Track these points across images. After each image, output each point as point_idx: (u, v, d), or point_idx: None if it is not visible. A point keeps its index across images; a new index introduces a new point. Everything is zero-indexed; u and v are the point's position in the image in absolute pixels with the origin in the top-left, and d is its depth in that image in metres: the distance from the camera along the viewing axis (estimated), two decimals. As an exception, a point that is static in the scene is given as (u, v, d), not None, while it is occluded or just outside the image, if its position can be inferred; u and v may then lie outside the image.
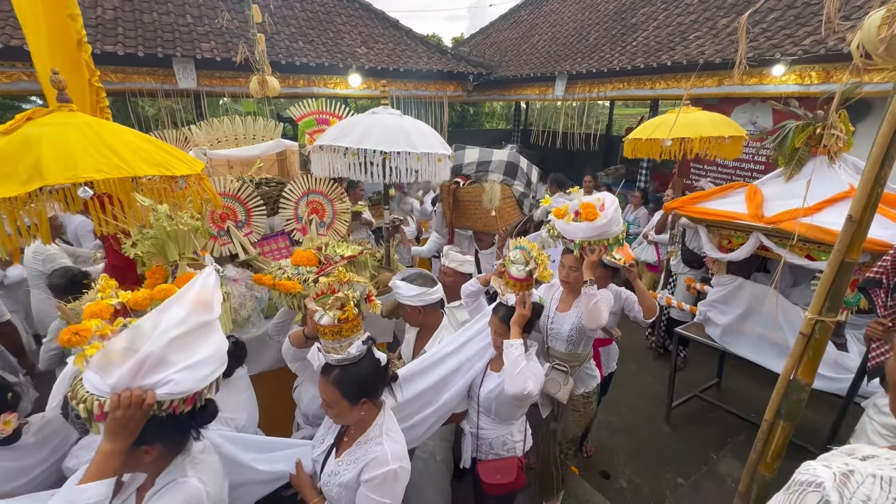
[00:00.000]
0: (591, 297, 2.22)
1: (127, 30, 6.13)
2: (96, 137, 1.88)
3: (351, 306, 1.50)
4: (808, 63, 4.64)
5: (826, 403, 3.05)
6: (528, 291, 2.03)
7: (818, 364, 1.77)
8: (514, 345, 1.91)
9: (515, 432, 2.13)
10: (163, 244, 1.59)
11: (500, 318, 2.02)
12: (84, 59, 2.85)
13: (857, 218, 1.50)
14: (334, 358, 1.47)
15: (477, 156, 3.49)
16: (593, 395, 2.62)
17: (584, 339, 2.45)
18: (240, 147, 3.43)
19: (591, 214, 2.24)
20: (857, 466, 0.73)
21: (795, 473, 0.79)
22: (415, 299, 2.18)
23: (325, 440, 1.63)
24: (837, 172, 2.64)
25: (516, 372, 1.85)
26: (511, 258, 2.06)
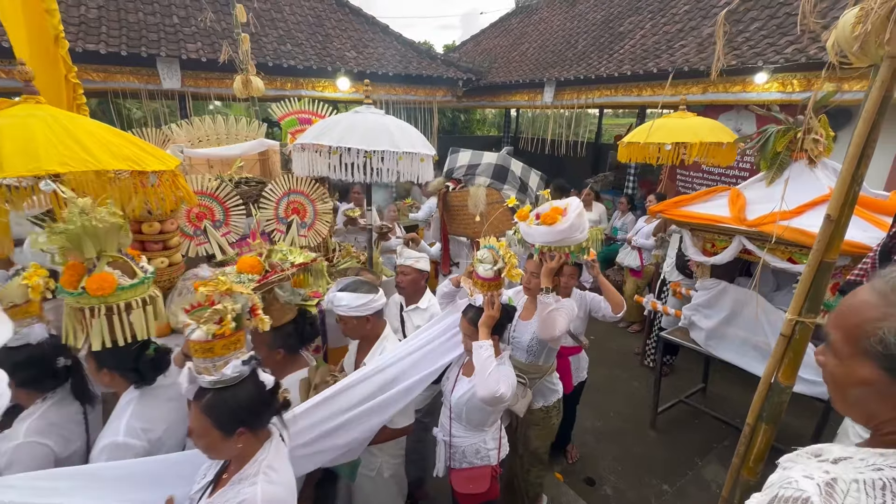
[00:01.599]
0: (546, 305, 2.10)
1: (111, 29, 6.03)
2: (62, 130, 1.82)
3: (228, 321, 1.33)
4: (790, 71, 4.72)
5: (809, 408, 3.05)
6: (497, 292, 1.96)
7: (799, 366, 1.75)
8: (484, 346, 1.84)
9: (489, 440, 2.04)
10: (78, 239, 1.49)
11: (469, 320, 1.94)
12: (61, 55, 2.79)
13: (834, 217, 1.50)
14: (206, 380, 1.28)
15: (468, 158, 3.40)
16: (553, 410, 2.49)
17: (545, 350, 2.34)
18: (221, 147, 3.37)
19: (550, 219, 2.13)
20: (838, 473, 0.70)
21: (777, 487, 0.75)
22: (361, 309, 2.03)
23: (207, 475, 1.42)
24: (818, 176, 2.65)
25: (487, 373, 1.78)
26: (479, 257, 2.00)
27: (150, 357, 1.65)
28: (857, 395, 0.76)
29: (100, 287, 1.50)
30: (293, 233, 2.94)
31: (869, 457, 0.71)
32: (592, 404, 3.94)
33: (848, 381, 0.77)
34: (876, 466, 0.69)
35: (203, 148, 3.32)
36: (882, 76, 1.30)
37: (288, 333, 1.97)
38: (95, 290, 1.50)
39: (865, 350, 0.72)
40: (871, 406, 0.75)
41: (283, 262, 2.04)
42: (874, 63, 1.33)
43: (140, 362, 1.63)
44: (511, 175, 3.34)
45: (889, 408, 0.72)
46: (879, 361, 0.70)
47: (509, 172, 3.35)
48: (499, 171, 3.32)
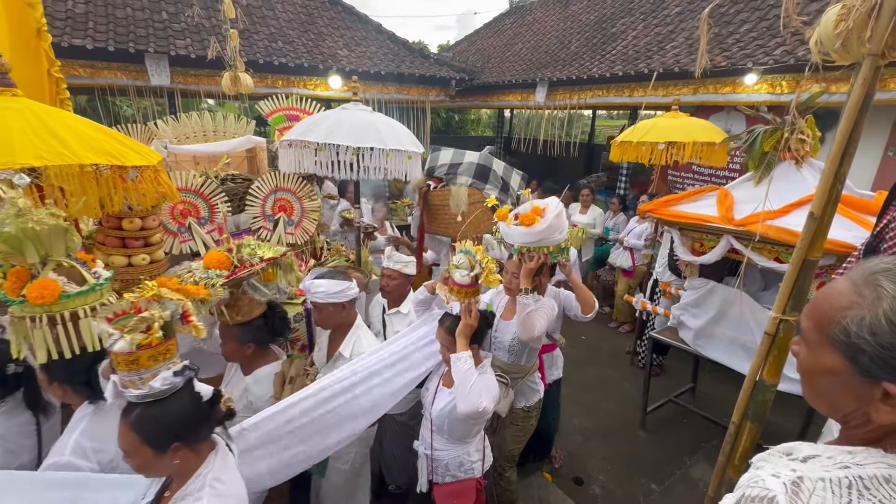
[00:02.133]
0: (525, 306, 2.09)
1: (98, 24, 5.95)
2: (39, 123, 1.78)
3: (156, 329, 1.23)
4: (779, 73, 4.75)
5: (795, 407, 3.06)
6: (475, 299, 1.91)
7: (783, 364, 1.75)
8: (462, 358, 1.77)
9: (473, 451, 1.98)
10: (18, 243, 1.41)
11: (446, 330, 1.88)
12: (43, 49, 2.73)
13: (818, 214, 1.50)
14: (133, 394, 1.18)
15: (450, 157, 3.35)
16: (534, 410, 2.47)
17: (526, 349, 2.32)
18: (208, 143, 3.33)
19: (528, 219, 2.11)
20: (805, 471, 0.70)
21: (745, 487, 0.75)
22: (339, 296, 2.04)
23: (147, 495, 1.31)
24: (804, 176, 2.67)
25: (468, 388, 1.71)
26: (455, 263, 1.94)
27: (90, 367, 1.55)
28: (823, 385, 0.75)
29: (40, 295, 1.39)
30: (280, 230, 2.91)
31: (837, 455, 0.71)
32: (582, 404, 3.94)
33: (814, 369, 0.76)
34: (843, 465, 0.68)
35: (189, 145, 3.28)
36: (864, 74, 1.30)
37: (258, 328, 1.96)
38: (35, 298, 1.39)
39: (831, 338, 0.71)
40: (835, 397, 0.74)
41: (252, 256, 2.00)
42: (856, 61, 1.33)
43: (92, 376, 1.53)
44: (493, 175, 3.27)
45: (851, 399, 0.71)
46: (842, 350, 0.69)
47: (491, 172, 3.28)
48: (480, 170, 3.25)
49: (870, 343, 0.66)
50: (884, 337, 0.64)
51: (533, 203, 2.19)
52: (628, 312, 5.31)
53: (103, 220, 2.20)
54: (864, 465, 0.67)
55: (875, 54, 1.25)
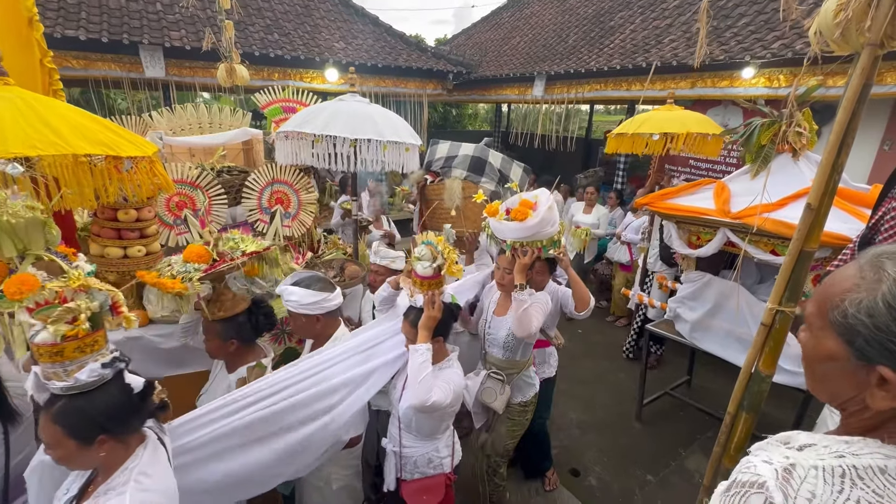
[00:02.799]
0: (521, 303, 2.06)
1: (91, 14, 5.88)
2: (32, 113, 1.76)
3: (82, 320, 1.18)
4: (777, 66, 4.75)
5: (789, 398, 3.09)
6: (438, 291, 1.86)
7: (779, 354, 1.76)
8: (419, 350, 1.75)
9: (441, 447, 1.95)
10: None
11: (411, 323, 1.84)
12: (35, 39, 2.70)
13: (815, 206, 1.50)
14: (56, 386, 1.13)
15: (447, 150, 3.25)
16: (531, 405, 2.45)
17: (521, 345, 2.30)
18: (203, 135, 3.30)
19: (520, 214, 2.05)
20: (798, 459, 0.69)
21: (735, 472, 0.75)
22: (313, 307, 1.93)
23: (70, 489, 1.26)
24: (801, 169, 2.67)
25: (418, 380, 1.69)
26: (416, 254, 1.88)
27: None
28: (823, 371, 0.75)
29: (18, 290, 1.36)
30: (277, 223, 2.90)
31: (833, 444, 0.70)
32: (578, 397, 3.96)
33: (815, 353, 0.75)
34: (838, 454, 0.68)
35: (185, 136, 3.25)
36: (863, 63, 1.30)
37: (241, 324, 1.92)
38: (13, 293, 1.36)
39: (831, 321, 0.70)
40: (834, 383, 0.73)
41: (234, 250, 1.96)
42: (855, 51, 1.33)
43: None
44: (489, 167, 3.14)
45: (849, 385, 0.70)
46: (841, 333, 0.69)
47: (487, 164, 3.14)
48: (476, 163, 3.11)
49: (866, 325, 0.65)
50: (880, 319, 0.64)
51: (521, 196, 2.14)
52: (625, 307, 5.33)
53: (98, 212, 2.18)
54: (860, 455, 0.66)
55: (874, 44, 1.25)
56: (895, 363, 0.64)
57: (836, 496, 0.64)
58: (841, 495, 0.64)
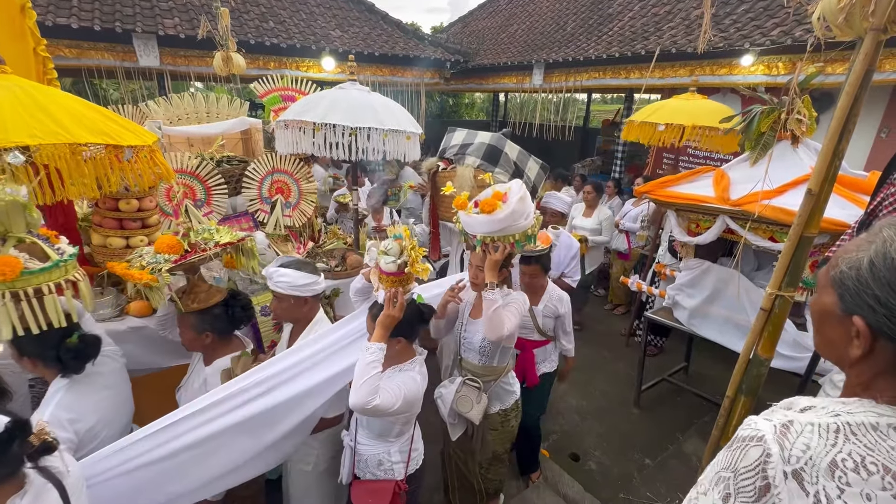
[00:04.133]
0: (491, 303, 1.91)
1: (83, 2, 5.77)
2: (31, 102, 1.74)
3: None
4: (776, 54, 4.74)
5: (786, 383, 3.14)
6: (402, 289, 1.73)
7: (777, 339, 1.79)
8: (370, 349, 1.63)
9: (394, 452, 1.84)
10: None
11: (373, 318, 1.74)
12: (28, 27, 2.66)
13: (815, 191, 1.52)
14: None
15: (462, 138, 3.13)
16: (512, 413, 2.31)
17: (499, 350, 2.14)
18: (202, 125, 3.27)
19: (489, 206, 1.90)
20: (797, 417, 0.74)
21: (738, 429, 0.79)
22: (304, 289, 1.91)
23: None
24: (800, 156, 2.69)
25: (361, 381, 1.57)
26: (383, 248, 1.76)
27: (71, 345, 1.54)
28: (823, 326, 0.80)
29: (1, 272, 1.37)
30: (277, 213, 2.89)
31: (830, 405, 0.75)
32: (578, 383, 4.01)
33: (816, 308, 0.81)
34: (834, 413, 0.72)
35: (183, 126, 3.22)
36: (866, 49, 1.31)
37: (216, 316, 1.89)
38: None
39: (831, 277, 0.76)
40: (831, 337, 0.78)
41: (208, 241, 1.93)
42: (858, 36, 1.34)
43: (62, 350, 1.52)
44: (504, 158, 2.99)
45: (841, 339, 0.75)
46: (835, 287, 0.75)
47: (502, 155, 2.99)
48: (490, 151, 2.96)
49: (851, 278, 0.71)
50: (862, 274, 0.70)
51: (494, 188, 2.00)
52: (623, 295, 5.37)
53: (99, 202, 2.18)
54: (854, 413, 0.71)
55: (877, 29, 1.25)
56: (870, 315, 0.69)
57: (829, 448, 0.68)
58: (834, 448, 0.68)
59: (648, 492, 2.92)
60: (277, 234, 2.90)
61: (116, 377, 1.77)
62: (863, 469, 0.66)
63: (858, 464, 0.67)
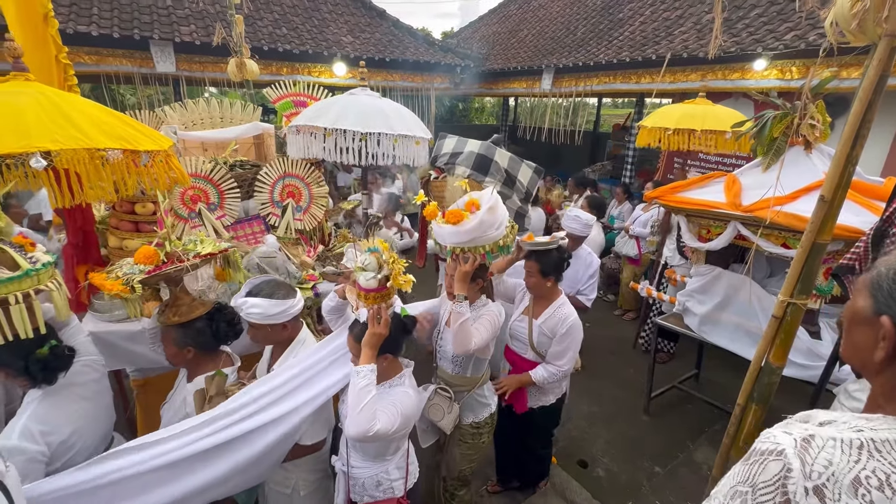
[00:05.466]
0: (459, 315, 1.84)
1: (102, 10, 5.93)
2: (53, 107, 1.79)
3: None
4: (789, 58, 4.70)
5: (800, 392, 3.09)
6: (386, 304, 1.65)
7: (790, 347, 1.77)
8: (361, 373, 1.55)
9: (392, 469, 1.77)
10: None
11: (356, 338, 1.64)
12: (50, 35, 2.74)
13: (828, 198, 1.50)
14: None
15: (453, 146, 3.10)
16: (485, 427, 2.21)
17: (472, 360, 2.08)
18: (216, 129, 3.34)
19: (454, 217, 1.84)
20: (818, 431, 0.71)
21: (755, 442, 0.77)
22: (279, 316, 1.79)
23: None
24: (814, 162, 2.65)
25: (359, 408, 1.49)
26: (360, 264, 1.66)
27: (40, 356, 1.48)
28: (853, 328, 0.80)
29: None
30: (288, 216, 2.93)
31: (852, 420, 0.72)
32: (587, 389, 3.98)
33: (850, 310, 0.81)
34: (857, 428, 0.70)
35: (197, 131, 3.29)
36: (879, 55, 1.30)
37: (198, 330, 1.80)
38: None
39: (868, 281, 0.77)
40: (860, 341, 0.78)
41: (190, 251, 1.88)
42: (872, 42, 1.33)
43: (31, 362, 1.46)
44: (494, 167, 2.89)
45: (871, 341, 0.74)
46: (870, 290, 0.75)
47: (492, 163, 2.87)
48: (480, 161, 2.85)
49: (889, 279, 0.72)
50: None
51: (470, 195, 1.93)
52: (633, 300, 5.33)
53: (116, 205, 2.23)
54: (878, 430, 0.68)
55: (891, 34, 1.24)
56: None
57: (852, 465, 0.66)
58: (857, 465, 0.66)
59: (658, 500, 2.89)
60: (288, 237, 2.94)
61: (95, 388, 1.73)
62: (887, 487, 0.64)
63: (883, 482, 0.64)
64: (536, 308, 2.32)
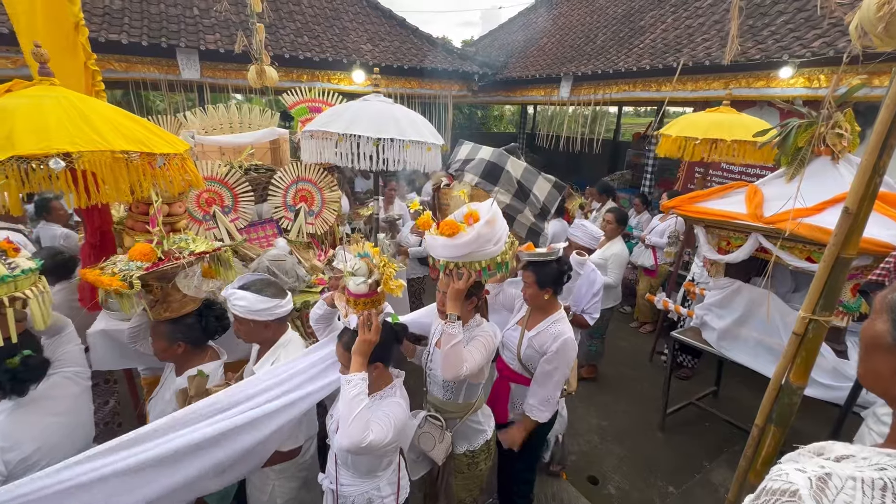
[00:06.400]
0: (450, 337, 1.73)
1: (133, 20, 6.17)
2: (74, 110, 1.85)
3: None
4: (817, 66, 4.54)
5: (824, 413, 2.94)
6: (376, 310, 1.59)
7: (811, 366, 1.68)
8: (352, 381, 1.49)
9: (383, 486, 1.70)
10: None
11: (345, 346, 1.59)
12: (80, 42, 2.85)
13: (853, 210, 1.42)
14: None
15: (466, 152, 2.99)
16: (481, 455, 2.09)
17: (464, 386, 1.95)
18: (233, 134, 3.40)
19: (448, 228, 1.70)
20: (834, 469, 0.65)
21: (766, 480, 0.70)
22: (263, 313, 1.79)
23: None
24: (841, 172, 2.54)
25: (351, 418, 1.44)
26: (349, 269, 1.60)
27: (10, 367, 1.45)
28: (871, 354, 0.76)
29: None
30: (301, 220, 2.96)
31: (873, 456, 0.66)
32: (599, 403, 3.88)
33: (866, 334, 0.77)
34: (879, 466, 0.63)
35: (216, 136, 3.36)
36: (908, 60, 1.23)
37: (189, 326, 1.84)
38: None
39: (887, 303, 0.73)
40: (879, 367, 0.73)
41: (183, 250, 1.91)
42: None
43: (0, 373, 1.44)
44: (505, 176, 2.70)
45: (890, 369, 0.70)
46: (889, 313, 0.71)
47: (503, 172, 2.70)
48: (490, 169, 2.70)
49: None
50: None
51: (469, 206, 1.81)
52: (650, 312, 5.19)
53: (132, 206, 2.28)
54: None
55: (921, 38, 1.17)
56: None
57: None
58: None
59: (671, 522, 2.78)
60: (300, 241, 2.96)
61: (71, 403, 1.69)
62: None
63: None
64: (531, 319, 2.23)
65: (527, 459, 2.38)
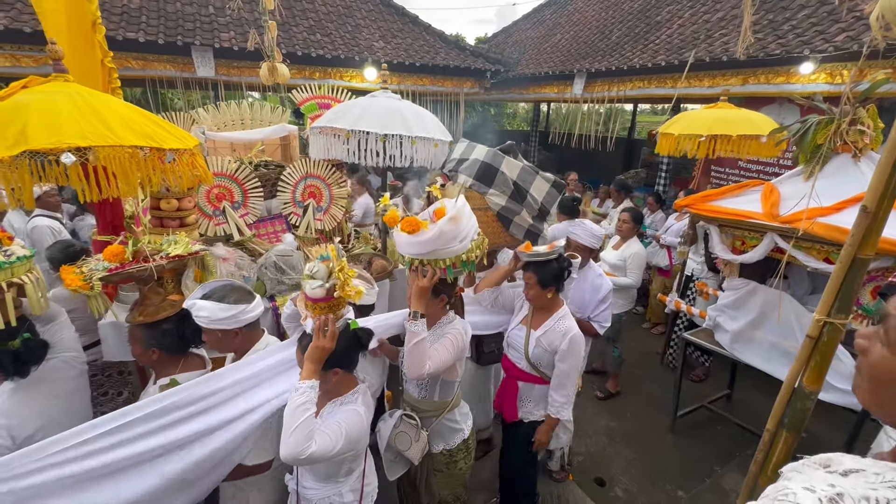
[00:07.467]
0: (413, 335, 1.70)
1: (150, 18, 6.27)
2: (86, 106, 1.89)
3: None
4: (840, 61, 4.39)
5: (841, 418, 2.86)
6: (334, 315, 1.51)
7: (826, 370, 1.63)
8: (300, 389, 1.41)
9: (346, 492, 1.67)
10: None
11: (302, 350, 1.55)
12: (98, 40, 2.91)
13: (871, 208, 1.37)
14: None
15: (461, 151, 2.86)
16: (459, 454, 2.06)
17: (438, 383, 1.94)
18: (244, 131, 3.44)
19: (409, 225, 1.68)
20: (845, 487, 0.60)
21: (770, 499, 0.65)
22: (228, 322, 1.70)
23: None
24: (862, 171, 2.45)
25: (291, 429, 1.37)
26: (308, 271, 1.52)
27: (11, 349, 1.48)
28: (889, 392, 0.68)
29: None
30: (309, 216, 2.97)
31: (886, 472, 0.61)
32: (608, 404, 3.83)
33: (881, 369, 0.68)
34: (892, 484, 0.59)
35: (227, 132, 3.40)
36: (933, 51, 1.17)
37: (164, 332, 1.76)
38: None
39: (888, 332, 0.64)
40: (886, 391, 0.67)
41: (163, 251, 1.87)
42: (924, 37, 1.20)
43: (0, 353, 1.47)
44: (500, 177, 2.56)
45: None
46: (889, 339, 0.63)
47: (498, 174, 2.57)
48: (484, 170, 2.57)
49: None
50: None
51: (442, 202, 1.77)
52: (662, 313, 5.11)
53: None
54: None
55: (946, 28, 1.12)
56: None
57: None
58: None
59: (679, 526, 2.73)
60: (308, 237, 2.98)
61: (71, 385, 1.71)
62: None
63: None
64: (536, 319, 2.22)
65: (526, 454, 2.38)
